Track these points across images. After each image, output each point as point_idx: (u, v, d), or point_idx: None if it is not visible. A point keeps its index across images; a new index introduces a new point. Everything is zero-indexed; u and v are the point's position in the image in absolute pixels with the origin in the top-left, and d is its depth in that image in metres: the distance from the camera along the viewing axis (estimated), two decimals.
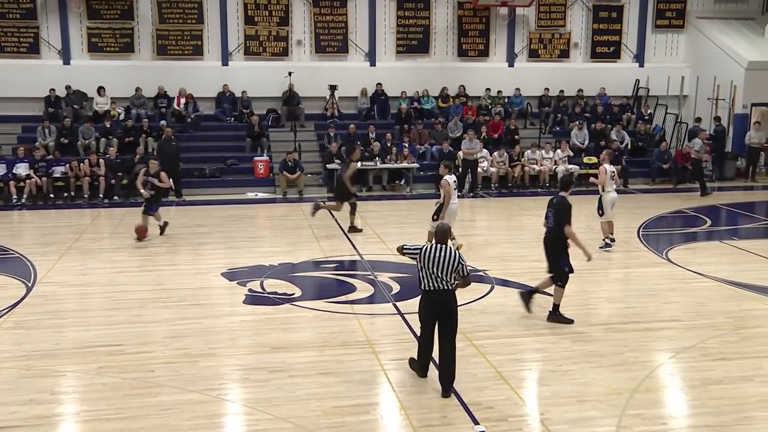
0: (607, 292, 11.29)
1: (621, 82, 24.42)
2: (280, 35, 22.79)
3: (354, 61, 23.32)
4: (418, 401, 7.39)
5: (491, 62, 24.08)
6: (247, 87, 22.27)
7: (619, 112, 23.64)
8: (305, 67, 22.63)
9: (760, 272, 12.25)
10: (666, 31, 24.95)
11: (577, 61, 24.64)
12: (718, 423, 6.93)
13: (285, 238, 14.97)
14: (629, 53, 24.82)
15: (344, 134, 21.26)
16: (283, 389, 7.64)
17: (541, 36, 24.26)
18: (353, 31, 23.16)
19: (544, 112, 23.56)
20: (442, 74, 23.46)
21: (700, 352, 8.74)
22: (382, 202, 19.18)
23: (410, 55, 23.61)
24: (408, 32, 23.46)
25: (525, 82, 23.80)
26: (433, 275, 7.39)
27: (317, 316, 10.04)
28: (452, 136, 21.68)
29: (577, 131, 22.20)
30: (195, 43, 22.46)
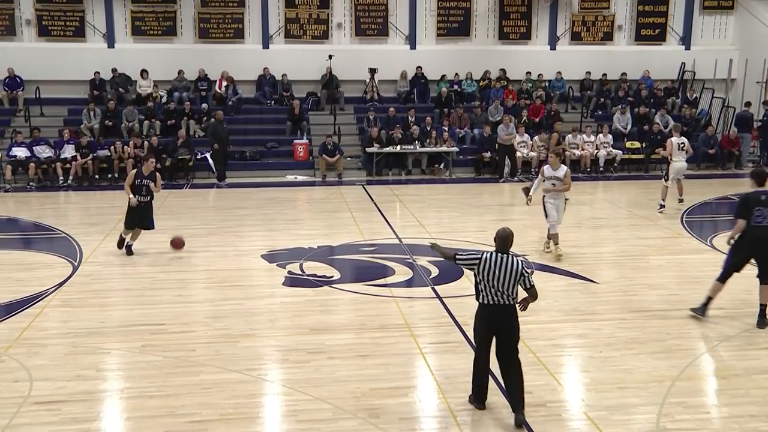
0: (649, 278, 11.13)
1: (666, 65, 23.93)
2: (320, 18, 22.80)
3: (394, 44, 23.23)
4: (456, 385, 7.38)
5: (533, 45, 23.80)
6: (287, 70, 22.35)
7: (663, 96, 23.20)
8: (345, 50, 22.61)
9: None
10: (714, 13, 24.34)
11: (620, 44, 24.20)
12: (763, 413, 6.81)
13: (324, 221, 15.04)
14: (675, 36, 24.29)
15: (384, 118, 21.22)
16: (321, 371, 7.71)
17: (584, 18, 23.86)
18: (393, 13, 23.05)
19: (586, 95, 23.21)
20: (482, 57, 23.26)
21: (745, 341, 8.59)
22: (422, 185, 19.15)
23: (451, 38, 23.43)
24: (449, 15, 23.28)
25: (567, 65, 23.47)
26: (494, 288, 6.53)
27: (355, 299, 10.08)
28: (492, 119, 21.50)
29: (619, 115, 21.85)
30: (236, 26, 22.59)
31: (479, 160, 20.41)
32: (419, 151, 20.26)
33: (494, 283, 6.51)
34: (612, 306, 9.82)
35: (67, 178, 18.84)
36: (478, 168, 20.45)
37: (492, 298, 6.56)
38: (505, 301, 6.56)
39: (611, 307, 9.76)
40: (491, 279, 6.51)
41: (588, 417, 6.77)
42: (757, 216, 8.92)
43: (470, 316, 9.22)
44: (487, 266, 6.54)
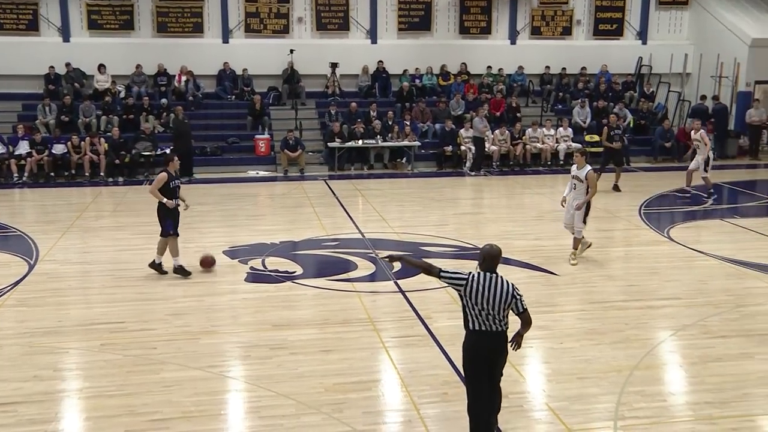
0: (608, 270, 11.30)
1: (624, 59, 24.26)
2: (280, 12, 22.65)
3: (355, 38, 23.19)
4: (419, 378, 7.42)
5: (493, 39, 23.94)
6: (247, 65, 22.16)
7: (621, 90, 23.52)
8: (306, 44, 22.49)
9: (761, 250, 12.24)
10: (670, 8, 24.75)
11: (579, 39, 24.47)
12: (718, 399, 6.97)
13: (286, 216, 14.98)
14: (632, 30, 24.65)
15: (345, 112, 21.18)
16: (284, 366, 7.69)
17: (544, 13, 24.07)
18: (354, 8, 23.00)
19: (546, 90, 23.44)
20: (443, 52, 23.33)
21: (701, 330, 8.77)
22: (384, 180, 19.16)
23: (412, 33, 23.47)
24: (409, 9, 23.30)
25: (527, 59, 23.65)
26: (483, 311, 5.82)
27: (318, 294, 10.07)
28: (454, 114, 21.60)
29: (579, 109, 22.10)
30: (195, 20, 22.33)
31: (441, 154, 20.49)
32: (381, 145, 20.26)
33: (484, 305, 5.80)
34: (572, 297, 9.95)
35: (21, 175, 18.44)
36: (440, 162, 20.53)
37: (482, 323, 5.86)
38: (497, 327, 5.85)
39: (571, 299, 9.89)
40: (480, 301, 5.81)
41: (549, 407, 6.86)
42: None
43: (433, 310, 9.36)
44: (475, 287, 5.83)
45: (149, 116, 20.50)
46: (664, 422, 6.57)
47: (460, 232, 13.31)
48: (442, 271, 6.02)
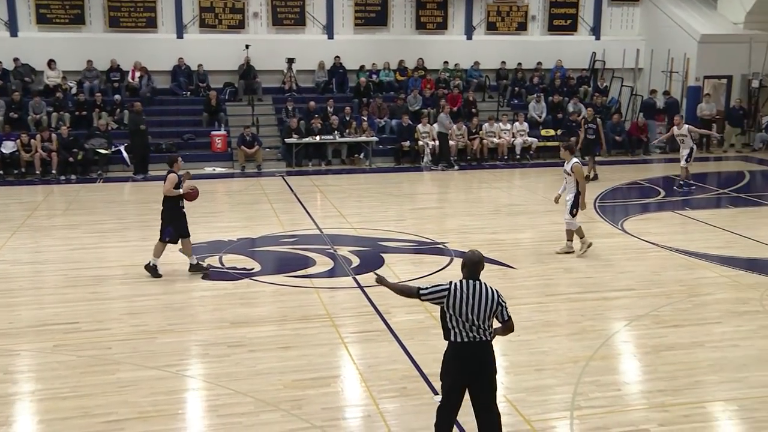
0: (564, 262, 11.44)
1: (578, 54, 24.58)
2: (235, 7, 22.42)
3: (312, 34, 23.07)
4: (378, 373, 7.43)
5: (449, 35, 24.04)
6: (203, 60, 21.90)
7: (576, 85, 23.84)
8: (262, 40, 22.30)
9: (711, 241, 12.54)
10: (622, 4, 25.14)
11: (534, 34, 24.72)
12: (670, 387, 7.12)
13: (243, 213, 14.86)
14: (586, 26, 24.98)
15: (303, 108, 21.08)
16: (243, 364, 7.63)
17: (499, 9, 24.25)
18: (310, 3, 22.88)
19: (502, 84, 23.64)
20: (400, 47, 23.35)
21: (654, 320, 8.94)
22: (341, 176, 19.13)
23: (368, 28, 23.43)
24: (366, 4, 23.26)
25: (483, 55, 23.82)
26: (468, 322, 5.49)
27: (277, 291, 10.01)
28: (412, 109, 21.66)
29: (534, 104, 22.34)
30: (148, 14, 21.97)
31: (399, 149, 20.53)
32: (339, 141, 20.22)
33: (468, 315, 5.47)
34: (529, 290, 10.06)
35: None
36: (397, 157, 20.57)
37: (467, 334, 5.49)
38: (482, 337, 5.52)
39: (529, 292, 10.00)
40: (465, 311, 5.48)
41: (507, 399, 6.92)
42: None
43: (392, 305, 9.37)
44: (459, 297, 5.50)
45: (102, 113, 20.12)
46: (619, 411, 6.68)
47: (419, 227, 13.35)
48: (420, 290, 5.70)
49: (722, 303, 9.56)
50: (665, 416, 6.59)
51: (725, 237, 12.84)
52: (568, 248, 11.76)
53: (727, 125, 22.73)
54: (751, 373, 7.44)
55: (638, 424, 6.45)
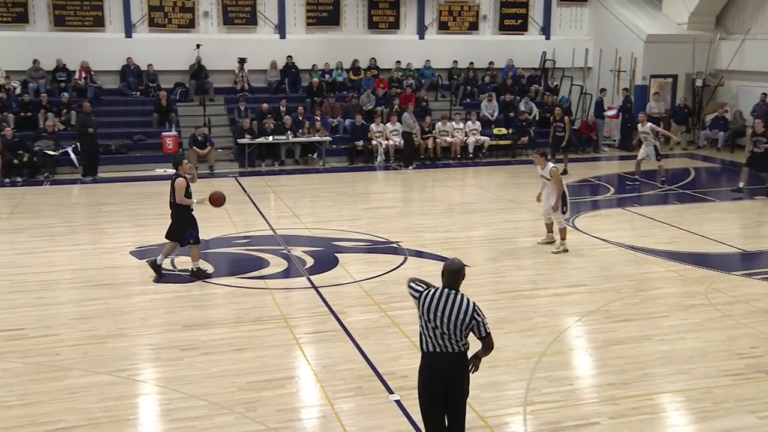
0: (517, 260, 11.58)
1: (528, 54, 24.88)
2: (185, 6, 22.12)
3: (263, 33, 22.90)
4: (333, 373, 7.43)
5: (402, 34, 24.10)
6: (152, 60, 21.56)
7: (527, 84, 24.12)
8: (213, 39, 22.06)
9: (658, 237, 12.82)
10: (571, 4, 25.52)
11: (486, 34, 24.93)
12: (620, 381, 7.27)
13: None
14: (536, 26, 25.30)
15: (255, 108, 20.92)
16: (195, 367, 7.55)
17: (451, 8, 24.40)
18: (262, 2, 22.70)
19: (455, 84, 23.80)
20: (353, 47, 23.34)
21: (604, 315, 9.11)
22: (295, 176, 19.03)
23: (321, 28, 23.35)
24: (318, 4, 23.17)
25: (435, 54, 23.95)
26: (438, 330, 5.25)
27: (230, 293, 9.93)
28: (365, 109, 21.66)
29: (486, 103, 22.54)
30: (95, 13, 21.54)
31: (352, 149, 20.52)
32: (292, 141, 20.11)
33: (437, 323, 5.24)
34: (483, 288, 10.14)
35: None
36: (351, 157, 20.56)
37: (435, 343, 5.28)
38: (453, 348, 5.26)
39: (482, 289, 10.08)
40: (434, 318, 5.25)
41: None
42: None
43: (346, 304, 9.39)
44: (429, 303, 5.30)
45: (48, 113, 19.67)
46: (571, 405, 6.79)
47: (373, 227, 13.37)
48: (412, 280, 5.64)
49: (670, 297, 9.78)
50: (615, 409, 6.72)
51: (672, 232, 13.14)
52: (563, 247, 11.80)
53: (673, 123, 23.26)
54: (697, 365, 7.64)
55: (589, 418, 6.57)
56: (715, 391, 7.07)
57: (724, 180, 18.92)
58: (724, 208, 15.26)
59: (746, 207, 15.44)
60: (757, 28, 22.61)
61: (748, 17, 23.13)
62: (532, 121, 22.24)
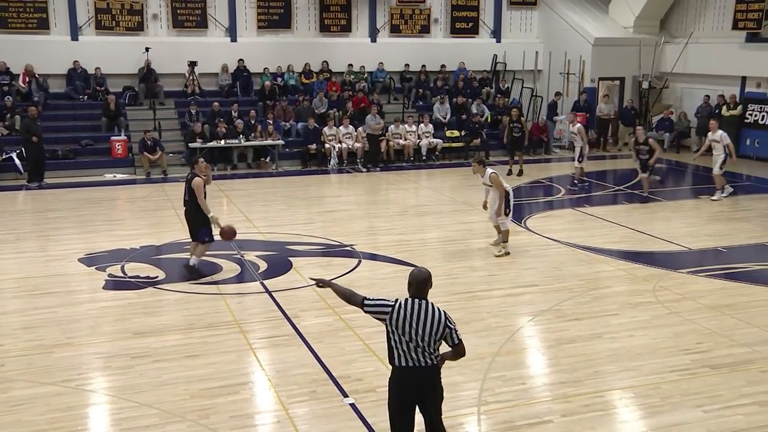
0: (470, 261, 11.67)
1: (480, 57, 25.12)
2: (134, 9, 21.78)
3: (214, 36, 22.67)
4: (287, 378, 7.38)
5: (354, 38, 24.11)
6: (100, 63, 21.16)
7: (478, 87, 24.34)
8: (163, 42, 21.76)
9: (608, 236, 13.06)
10: (520, 8, 25.84)
11: (437, 37, 25.09)
12: (571, 379, 7.38)
13: (147, 219, 14.45)
14: (487, 29, 25.55)
15: (207, 112, 20.70)
16: (147, 375, 7.42)
17: (402, 11, 24.50)
18: (212, 5, 22.47)
19: (407, 86, 23.90)
20: (305, 50, 23.26)
21: (556, 314, 9.24)
22: (248, 180, 18.88)
23: (272, 31, 23.22)
24: (269, 7, 23.03)
25: (388, 57, 24.01)
26: (411, 343, 5.17)
27: (182, 299, 9.80)
28: (318, 112, 21.61)
29: (439, 105, 22.67)
30: (40, 15, 21.04)
31: (305, 152, 20.44)
32: (244, 145, 19.94)
33: (412, 335, 5.15)
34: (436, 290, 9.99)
35: None
36: (304, 160, 20.48)
37: (409, 357, 5.19)
38: (427, 361, 5.20)
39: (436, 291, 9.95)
40: (408, 331, 5.16)
41: None
42: None
43: (300, 308, 9.34)
44: (401, 316, 5.19)
45: None
46: (524, 404, 6.87)
47: (327, 230, 13.33)
48: (365, 299, 5.39)
49: (619, 295, 9.97)
50: (567, 407, 6.82)
51: (621, 232, 13.39)
52: (505, 250, 11.84)
53: (621, 125, 23.72)
54: (646, 362, 7.80)
55: (542, 416, 6.65)
56: (663, 386, 7.23)
57: (671, 180, 19.37)
58: (670, 207, 15.61)
59: (692, 206, 15.82)
60: (699, 33, 23.23)
61: (690, 22, 23.76)
62: (484, 124, 22.44)
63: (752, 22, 21.05)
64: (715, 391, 7.11)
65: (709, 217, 14.64)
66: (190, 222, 10.83)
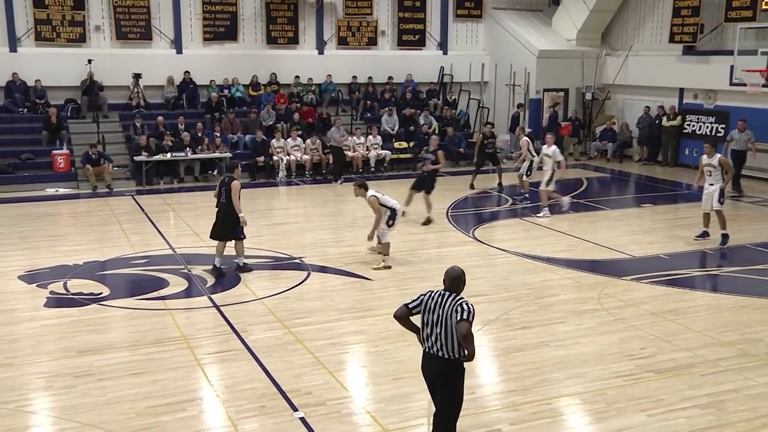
0: (419, 272, 11.72)
1: (427, 69, 25.33)
2: (75, 20, 21.37)
3: (159, 48, 22.39)
4: (235, 393, 7.30)
5: (301, 50, 24.08)
6: (40, 75, 20.69)
7: (426, 98, 24.54)
8: (106, 54, 21.39)
9: (554, 245, 13.27)
10: (466, 21, 26.17)
11: (385, 49, 25.23)
12: (520, 387, 7.46)
13: (91, 235, 14.15)
14: (433, 41, 25.80)
15: (152, 125, 20.40)
16: (90, 394, 7.25)
17: (350, 24, 24.57)
18: (156, 17, 22.20)
19: (355, 98, 23.95)
20: (252, 62, 23.12)
21: (504, 323, 9.34)
22: (195, 193, 18.63)
23: (218, 42, 23.04)
24: (215, 19, 22.86)
25: (335, 69, 24.04)
26: (428, 328, 5.64)
27: (127, 315, 9.61)
28: (265, 124, 21.50)
29: (387, 117, 22.78)
30: None
31: (253, 165, 20.30)
32: (191, 158, 19.72)
33: (434, 321, 5.56)
34: (386, 301, 10.21)
35: None
36: (252, 173, 20.33)
37: (430, 343, 5.63)
38: (441, 352, 5.57)
39: (385, 302, 10.15)
40: (429, 318, 5.60)
41: (366, 410, 7.00)
42: None
43: (249, 322, 9.26)
44: (428, 304, 5.64)
45: None
46: (474, 413, 6.91)
47: (275, 243, 13.25)
48: (408, 306, 5.80)
49: (565, 303, 10.13)
50: (516, 415, 6.89)
51: (567, 241, 13.63)
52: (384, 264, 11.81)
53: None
54: (592, 368, 7.94)
55: (492, 425, 6.71)
56: (608, 392, 7.37)
57: (615, 189, 19.80)
58: (614, 216, 15.95)
59: (635, 214, 16.19)
60: (639, 45, 23.87)
61: (630, 35, 24.40)
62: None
63: (688, 35, 21.72)
64: (659, 396, 7.28)
65: (651, 224, 15.00)
66: (222, 222, 11.41)
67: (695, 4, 21.40)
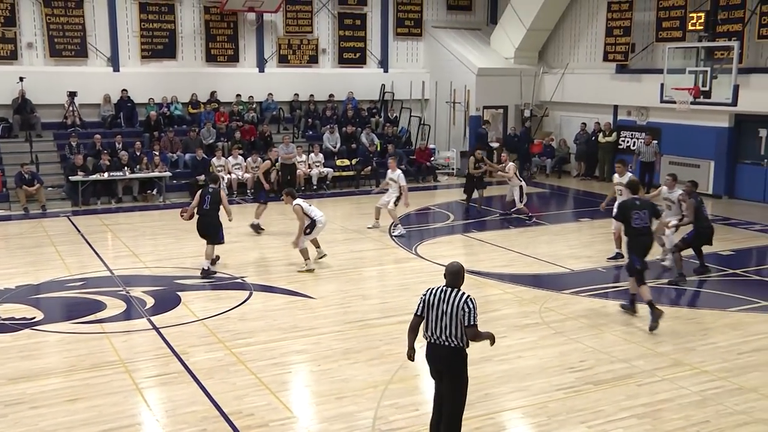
0: (362, 289, 11.72)
1: (368, 86, 25.46)
2: (6, 37, 20.80)
3: (95, 66, 21.95)
4: (175, 417, 7.15)
5: (242, 67, 23.93)
6: None
7: (367, 116, 24.65)
8: (39, 72, 20.87)
9: (495, 261, 13.44)
10: (406, 39, 26.42)
11: (326, 67, 25.27)
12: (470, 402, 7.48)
13: (23, 258, 13.72)
14: (374, 59, 25.96)
15: (88, 144, 19.96)
16: (23, 423, 7.01)
17: (290, 42, 24.55)
18: (92, 34, 21.78)
19: (296, 116, 23.90)
20: (191, 80, 22.86)
21: None
22: (134, 213, 18.30)
23: (157, 60, 22.72)
24: (153, 36, 22.55)
25: (276, 87, 23.96)
26: (431, 322, 6.06)
27: (62, 339, 9.34)
28: (206, 142, 21.26)
29: (329, 135, 22.78)
30: None
31: (194, 184, 20.01)
32: (129, 177, 19.34)
33: (437, 314, 5.98)
34: (329, 320, 10.17)
35: None
36: (192, 192, 19.99)
37: (432, 332, 6.05)
38: (445, 341, 6.00)
39: (328, 321, 10.11)
40: (430, 313, 6.02)
41: (309, 431, 6.94)
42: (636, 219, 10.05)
43: (189, 344, 9.09)
44: (429, 299, 6.06)
45: None
46: (418, 431, 6.91)
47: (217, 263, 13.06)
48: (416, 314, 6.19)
49: (507, 318, 10.26)
50: None
51: (508, 256, 13.81)
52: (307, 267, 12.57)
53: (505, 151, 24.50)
54: (534, 381, 8.04)
55: None
56: (550, 405, 7.47)
57: (554, 204, 20.17)
58: (553, 230, 16.24)
59: (573, 229, 16.53)
60: (575, 64, 24.47)
61: (566, 53, 25.00)
62: (375, 152, 22.70)
63: (620, 54, 22.37)
64: (598, 407, 7.41)
65: (589, 239, 15.32)
66: (210, 228, 12.32)
67: (627, 25, 22.08)
